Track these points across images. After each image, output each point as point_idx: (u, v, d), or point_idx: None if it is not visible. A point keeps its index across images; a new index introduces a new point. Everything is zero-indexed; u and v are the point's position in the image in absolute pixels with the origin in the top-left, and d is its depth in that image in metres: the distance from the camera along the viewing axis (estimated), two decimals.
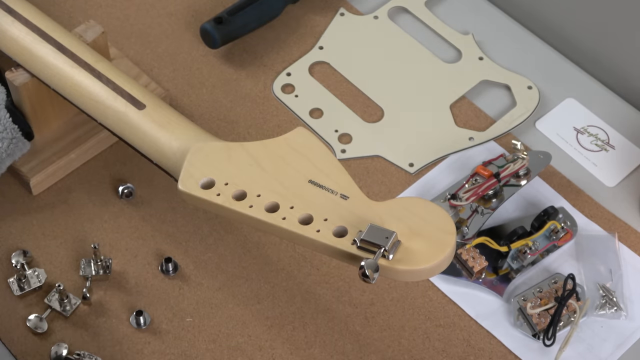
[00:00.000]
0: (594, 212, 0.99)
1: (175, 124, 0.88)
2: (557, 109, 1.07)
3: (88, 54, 0.94)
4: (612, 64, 1.10)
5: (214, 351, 0.90)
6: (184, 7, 1.14)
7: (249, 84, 1.08)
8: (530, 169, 0.98)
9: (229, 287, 0.94)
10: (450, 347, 0.91)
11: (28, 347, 0.90)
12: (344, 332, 0.92)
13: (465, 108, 1.07)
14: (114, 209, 0.98)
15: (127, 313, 0.92)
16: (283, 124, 1.05)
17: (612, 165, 1.03)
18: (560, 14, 1.12)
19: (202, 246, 0.96)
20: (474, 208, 0.96)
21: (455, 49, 1.12)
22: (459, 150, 1.03)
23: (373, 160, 1.03)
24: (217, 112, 1.06)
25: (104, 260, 0.94)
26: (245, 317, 0.92)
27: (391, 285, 0.94)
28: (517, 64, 1.11)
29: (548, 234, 0.95)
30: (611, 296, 0.93)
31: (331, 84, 1.08)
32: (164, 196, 0.99)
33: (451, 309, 0.93)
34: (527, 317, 0.91)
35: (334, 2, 1.15)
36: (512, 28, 1.14)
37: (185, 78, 1.08)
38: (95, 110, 0.91)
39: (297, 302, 0.93)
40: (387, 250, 0.75)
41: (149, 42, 1.11)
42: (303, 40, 1.12)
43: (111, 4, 1.14)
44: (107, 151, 1.02)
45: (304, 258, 0.96)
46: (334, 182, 0.81)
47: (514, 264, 0.94)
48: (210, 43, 1.08)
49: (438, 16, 1.14)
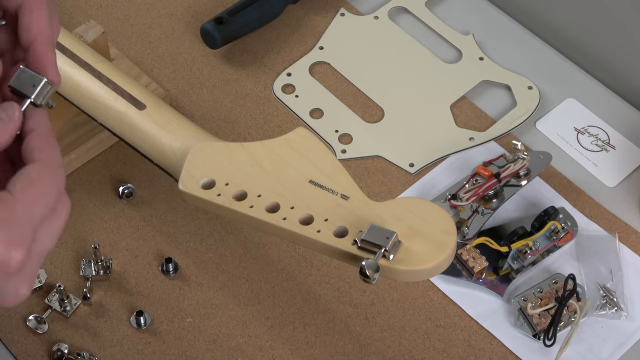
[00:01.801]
0: (594, 212, 0.99)
1: (175, 124, 0.88)
2: (558, 109, 1.07)
3: (88, 54, 0.94)
4: (612, 64, 1.10)
5: (214, 351, 0.90)
6: (185, 7, 1.14)
7: (249, 84, 1.08)
8: (530, 169, 0.98)
9: (230, 288, 0.94)
10: (451, 347, 0.91)
11: (28, 347, 0.90)
12: (344, 333, 0.92)
13: (466, 108, 1.07)
14: (114, 209, 0.98)
15: (128, 313, 0.92)
16: (283, 124, 1.05)
17: (612, 165, 1.03)
18: (560, 14, 1.12)
19: (203, 246, 0.96)
20: (475, 208, 0.96)
21: (455, 49, 1.12)
22: (459, 150, 1.03)
23: (373, 160, 1.03)
24: (218, 113, 1.06)
25: (105, 261, 0.94)
26: (245, 318, 0.92)
27: (391, 285, 0.94)
28: (517, 64, 1.11)
29: (548, 234, 0.95)
30: (612, 296, 0.93)
31: (331, 84, 1.08)
32: (165, 196, 0.99)
33: (451, 309, 0.93)
34: (528, 318, 0.91)
35: (334, 2, 1.15)
36: (512, 28, 1.14)
37: (186, 78, 1.08)
38: (96, 111, 0.91)
39: (297, 302, 0.93)
40: (388, 250, 0.75)
41: (150, 42, 1.11)
42: (303, 41, 1.12)
43: (112, 4, 1.14)
44: (108, 151, 1.02)
45: (305, 258, 0.96)
46: (335, 183, 0.81)
47: (514, 264, 0.94)
48: (211, 43, 1.08)
49: (438, 16, 1.14)
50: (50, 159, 0.61)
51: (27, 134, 0.62)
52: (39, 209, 0.59)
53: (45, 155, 0.61)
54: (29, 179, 0.59)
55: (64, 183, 0.61)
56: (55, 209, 0.60)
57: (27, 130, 0.62)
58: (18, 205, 0.58)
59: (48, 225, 0.60)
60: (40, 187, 0.59)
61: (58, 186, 0.61)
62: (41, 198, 0.59)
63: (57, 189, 0.60)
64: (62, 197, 0.61)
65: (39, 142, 0.61)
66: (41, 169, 0.60)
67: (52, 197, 0.60)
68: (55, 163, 0.61)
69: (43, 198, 0.59)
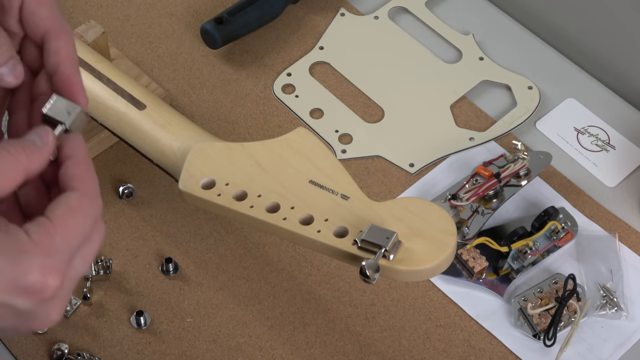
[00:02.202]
0: (594, 212, 0.99)
1: (175, 124, 0.88)
2: (558, 109, 1.07)
3: (88, 54, 0.94)
4: (612, 64, 1.10)
5: (215, 351, 0.90)
6: (185, 7, 1.14)
7: (249, 84, 1.08)
8: (530, 169, 0.98)
9: (230, 288, 0.94)
10: (451, 347, 0.91)
11: (28, 347, 0.90)
12: (344, 333, 0.92)
13: (466, 108, 1.07)
14: (114, 209, 0.98)
15: (128, 313, 0.92)
16: (283, 124, 1.05)
17: (612, 165, 1.03)
18: (560, 14, 1.12)
19: (203, 246, 0.96)
20: (475, 208, 0.96)
21: (455, 49, 1.12)
22: (459, 150, 1.03)
23: (373, 160, 1.03)
24: (218, 113, 1.06)
25: (104, 261, 0.94)
26: (245, 318, 0.92)
27: (391, 285, 0.94)
28: (517, 64, 1.11)
29: (548, 234, 0.95)
30: (612, 296, 0.93)
31: (332, 84, 1.08)
32: (165, 196, 0.99)
33: (452, 309, 0.93)
34: (528, 318, 0.91)
35: (334, 2, 1.15)
36: (512, 28, 1.14)
37: (186, 78, 1.08)
38: (96, 111, 0.91)
39: (297, 302, 0.93)
40: (388, 250, 0.75)
41: (150, 42, 1.11)
42: (303, 41, 1.12)
43: (112, 4, 1.14)
44: (108, 151, 1.02)
45: (305, 258, 0.96)
46: (335, 183, 0.81)
47: (514, 264, 0.94)
48: (211, 43, 1.08)
49: (438, 16, 1.14)
50: (89, 187, 0.61)
51: (65, 160, 0.62)
52: (76, 237, 0.60)
53: (84, 184, 0.61)
54: (68, 208, 0.60)
55: (101, 211, 0.62)
56: (90, 235, 0.61)
57: (65, 156, 0.63)
58: (57, 233, 0.58)
59: (82, 251, 0.61)
60: (79, 216, 0.60)
61: (95, 214, 0.61)
62: (80, 227, 0.60)
63: (94, 218, 0.61)
64: (97, 224, 0.62)
65: (78, 170, 0.62)
66: (80, 198, 0.61)
67: (90, 226, 0.61)
68: (93, 192, 0.62)
69: (81, 227, 0.60)
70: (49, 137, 0.62)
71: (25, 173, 0.60)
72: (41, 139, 0.62)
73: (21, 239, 0.57)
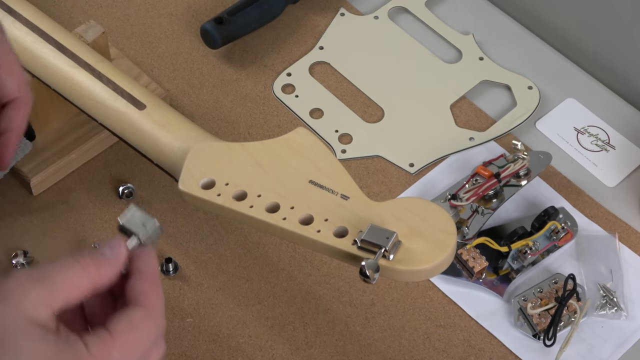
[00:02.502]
0: (594, 212, 0.99)
1: (175, 124, 0.88)
2: (558, 109, 1.07)
3: (88, 54, 0.94)
4: (612, 64, 1.10)
5: (214, 351, 0.90)
6: (184, 7, 1.14)
7: (249, 84, 1.08)
8: (530, 169, 0.98)
9: (230, 288, 0.94)
10: (451, 347, 0.91)
11: None
12: (344, 333, 0.92)
13: (466, 108, 1.07)
14: (114, 209, 0.98)
15: None
16: (283, 124, 1.05)
17: (612, 165, 1.03)
18: (560, 14, 1.12)
19: (203, 246, 0.96)
20: (475, 208, 0.96)
21: (455, 49, 1.12)
22: (459, 150, 1.03)
23: (373, 160, 1.03)
24: (218, 112, 1.06)
25: None
26: (245, 318, 0.92)
27: (391, 285, 0.94)
28: (517, 64, 1.11)
29: (548, 234, 0.95)
30: (612, 296, 0.93)
31: (331, 84, 1.08)
32: (164, 196, 0.99)
33: (451, 309, 0.93)
34: (528, 318, 0.91)
35: (334, 2, 1.15)
36: (512, 28, 1.14)
37: (186, 78, 1.08)
38: (96, 111, 0.91)
39: (297, 302, 0.93)
40: (388, 250, 0.75)
41: (149, 42, 1.11)
42: (303, 41, 1.12)
43: (111, 4, 1.14)
44: (108, 151, 1.02)
45: (305, 258, 0.96)
46: (335, 182, 0.81)
47: (514, 264, 0.94)
48: (211, 43, 1.08)
49: (438, 16, 1.14)
50: (154, 305, 0.61)
51: (134, 273, 0.62)
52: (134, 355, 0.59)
53: (151, 301, 0.61)
54: (130, 324, 0.59)
55: (163, 330, 0.61)
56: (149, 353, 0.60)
57: (135, 269, 0.62)
58: (115, 349, 0.58)
59: None
60: (141, 333, 0.59)
61: (157, 333, 0.60)
62: (139, 344, 0.59)
63: (155, 337, 0.60)
64: (158, 342, 0.61)
65: (146, 286, 0.61)
66: (144, 315, 0.60)
67: (150, 344, 0.60)
68: (158, 310, 0.61)
69: (141, 345, 0.59)
70: (121, 250, 0.62)
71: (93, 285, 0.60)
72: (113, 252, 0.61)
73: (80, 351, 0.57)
